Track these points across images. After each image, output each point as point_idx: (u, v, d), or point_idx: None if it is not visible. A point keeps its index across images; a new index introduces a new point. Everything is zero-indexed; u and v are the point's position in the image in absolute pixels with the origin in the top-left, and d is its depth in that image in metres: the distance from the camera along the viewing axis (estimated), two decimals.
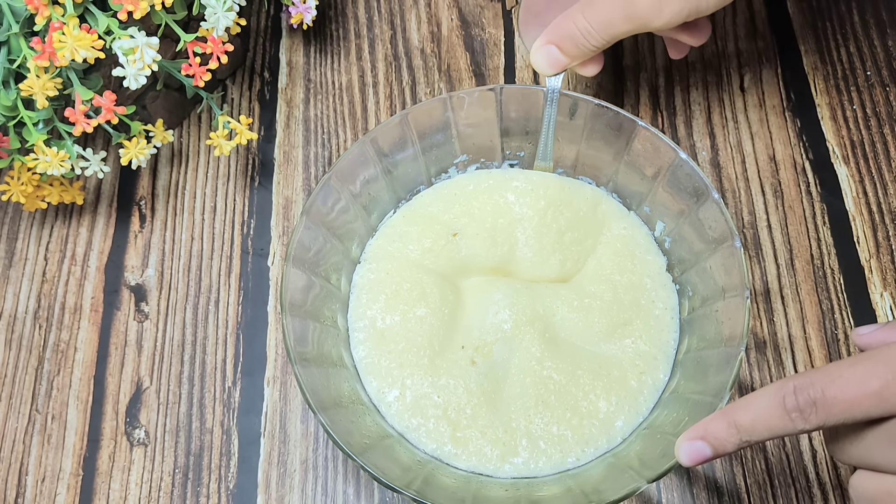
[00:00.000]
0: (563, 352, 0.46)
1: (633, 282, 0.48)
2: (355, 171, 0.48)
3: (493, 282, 0.49)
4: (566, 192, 0.50)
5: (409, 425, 0.45)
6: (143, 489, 0.48)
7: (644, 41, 0.59)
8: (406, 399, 0.45)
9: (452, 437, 0.44)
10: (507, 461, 0.44)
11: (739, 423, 0.35)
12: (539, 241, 0.49)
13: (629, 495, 0.39)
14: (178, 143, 0.57)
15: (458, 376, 0.46)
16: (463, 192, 0.51)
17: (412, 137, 0.49)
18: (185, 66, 0.48)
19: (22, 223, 0.56)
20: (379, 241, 0.50)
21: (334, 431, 0.40)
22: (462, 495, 0.41)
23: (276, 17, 0.61)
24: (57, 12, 0.44)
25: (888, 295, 0.51)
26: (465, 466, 0.44)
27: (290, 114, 0.58)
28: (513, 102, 0.48)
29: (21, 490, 0.49)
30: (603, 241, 0.50)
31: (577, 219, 0.50)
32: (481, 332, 0.47)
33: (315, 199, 0.46)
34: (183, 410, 0.50)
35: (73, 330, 0.52)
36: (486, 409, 0.45)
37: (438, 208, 0.51)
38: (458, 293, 0.49)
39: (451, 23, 0.61)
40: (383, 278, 0.49)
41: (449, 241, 0.49)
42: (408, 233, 0.50)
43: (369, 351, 0.47)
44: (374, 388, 0.46)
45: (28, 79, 0.45)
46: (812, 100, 0.57)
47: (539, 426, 0.44)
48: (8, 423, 0.50)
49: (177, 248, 0.54)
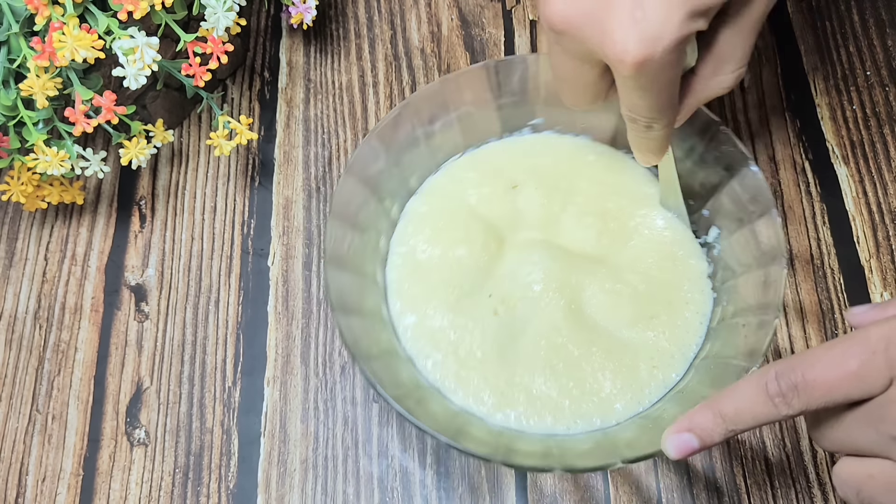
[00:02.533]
0: (585, 327, 0.47)
1: (670, 281, 0.48)
2: (431, 110, 0.49)
3: (536, 242, 0.49)
4: (629, 179, 0.51)
5: (418, 350, 0.47)
6: (143, 489, 0.48)
7: None
8: (423, 326, 0.47)
9: (456, 373, 0.46)
10: (501, 411, 0.45)
11: (724, 413, 0.35)
12: (585, 210, 0.50)
13: (599, 469, 0.40)
14: (178, 143, 0.57)
15: (477, 320, 0.47)
16: (533, 150, 0.52)
17: (494, 89, 0.50)
18: (185, 66, 0.48)
19: (22, 223, 0.56)
20: (439, 179, 0.51)
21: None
22: (446, 424, 0.42)
23: (276, 17, 0.61)
24: (57, 12, 0.44)
25: (888, 295, 0.51)
26: (461, 404, 0.45)
27: (290, 114, 0.58)
28: None
29: (21, 490, 0.49)
30: (647, 230, 0.50)
31: (625, 199, 0.50)
32: (511, 287, 0.48)
33: (386, 123, 0.48)
34: (183, 410, 0.50)
35: (74, 330, 0.52)
36: (495, 358, 0.46)
37: (505, 161, 0.52)
38: (500, 244, 0.49)
39: (451, 23, 0.61)
40: (434, 213, 0.50)
41: (507, 192, 0.51)
42: (469, 177, 0.51)
43: (402, 275, 0.49)
44: (397, 309, 0.48)
45: (28, 79, 0.45)
46: (812, 100, 0.57)
47: (540, 388, 0.45)
48: (8, 423, 0.50)
49: (177, 248, 0.54)
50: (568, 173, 0.51)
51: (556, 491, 0.47)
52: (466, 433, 0.42)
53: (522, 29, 0.60)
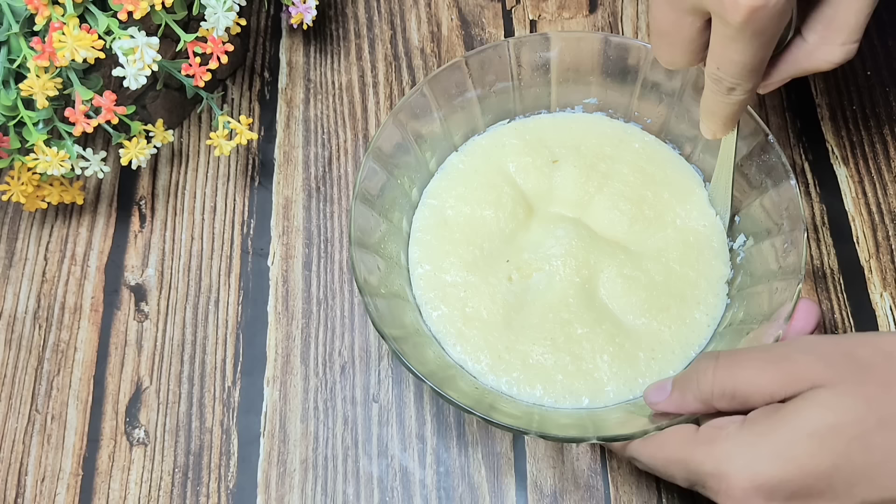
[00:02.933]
0: (594, 308, 0.47)
1: (688, 276, 0.48)
2: (490, 69, 0.50)
3: (564, 218, 0.50)
4: (671, 172, 0.51)
5: (427, 299, 0.48)
6: (142, 489, 0.48)
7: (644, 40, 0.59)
8: (436, 278, 0.48)
9: (459, 330, 0.46)
10: (494, 373, 0.46)
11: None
12: (622, 195, 0.50)
13: (572, 440, 0.41)
14: (178, 143, 0.57)
15: (490, 283, 0.48)
16: (580, 129, 0.52)
17: (555, 62, 0.50)
18: (185, 66, 0.48)
19: (22, 223, 0.56)
20: (482, 140, 0.52)
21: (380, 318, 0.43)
22: (435, 370, 0.43)
23: (276, 17, 0.61)
24: (57, 12, 0.44)
25: (888, 295, 0.51)
26: (456, 358, 0.46)
27: (290, 114, 0.58)
28: (658, 72, 0.50)
29: (21, 490, 0.49)
30: (678, 224, 0.50)
31: (665, 192, 0.50)
32: (530, 257, 0.48)
33: (443, 71, 0.49)
34: (183, 410, 0.50)
35: (73, 330, 0.52)
36: (500, 322, 0.47)
37: (551, 134, 0.52)
38: (529, 214, 0.50)
39: (451, 23, 0.61)
40: (470, 173, 0.51)
41: (546, 165, 0.51)
42: (512, 144, 0.52)
43: (427, 227, 0.50)
44: (415, 257, 0.49)
45: (28, 79, 0.45)
46: (812, 100, 0.57)
47: (537, 358, 0.46)
48: (8, 423, 0.50)
49: (177, 248, 0.54)
50: (611, 156, 0.52)
51: (556, 491, 0.47)
52: (453, 383, 0.43)
53: (522, 29, 0.60)
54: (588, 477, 0.48)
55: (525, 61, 0.50)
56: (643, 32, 0.60)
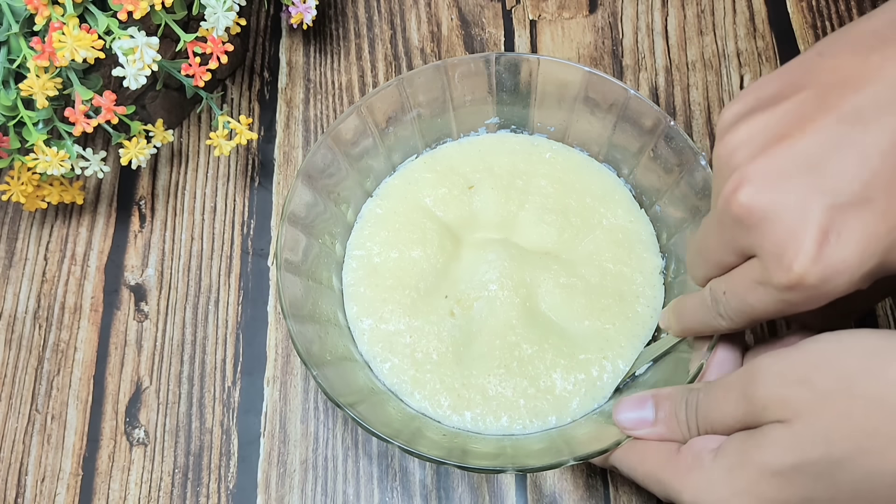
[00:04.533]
0: (538, 324, 0.47)
1: (623, 273, 0.48)
2: (386, 108, 0.49)
3: (491, 242, 0.49)
4: (587, 175, 0.51)
5: (374, 353, 0.47)
6: (142, 489, 0.48)
7: (644, 41, 0.59)
8: (379, 330, 0.47)
9: (413, 377, 0.46)
10: (457, 413, 0.45)
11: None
12: (546, 208, 0.50)
13: (551, 467, 0.40)
14: (178, 143, 0.57)
15: (433, 322, 0.47)
16: (488, 150, 0.52)
17: (449, 91, 0.50)
18: (185, 66, 0.48)
19: (22, 223, 0.56)
20: (395, 181, 0.52)
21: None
22: (400, 428, 0.42)
23: (275, 16, 0.61)
24: (57, 12, 0.44)
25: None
26: (418, 407, 0.45)
27: (290, 114, 0.58)
28: (550, 81, 0.49)
29: (21, 490, 0.49)
30: (606, 225, 0.50)
31: (587, 197, 0.51)
32: (467, 287, 0.48)
33: (340, 124, 0.48)
34: (183, 410, 0.50)
35: (73, 330, 0.52)
36: (451, 360, 0.46)
37: (460, 161, 0.52)
38: (457, 245, 0.50)
39: (451, 22, 0.61)
40: (390, 216, 0.50)
41: (463, 193, 0.51)
42: (425, 178, 0.51)
43: (359, 279, 0.49)
44: (354, 314, 0.48)
45: (28, 79, 0.45)
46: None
47: (496, 388, 0.45)
48: (8, 423, 0.50)
49: (177, 248, 0.54)
50: (525, 171, 0.52)
51: (555, 491, 0.47)
52: (420, 435, 0.42)
53: (522, 29, 0.60)
54: (588, 477, 0.48)
55: (420, 95, 0.50)
56: (643, 33, 0.60)
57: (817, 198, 0.30)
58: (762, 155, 0.32)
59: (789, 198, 0.31)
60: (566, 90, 0.50)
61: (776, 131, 0.32)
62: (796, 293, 0.31)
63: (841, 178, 0.30)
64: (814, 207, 0.30)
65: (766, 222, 0.31)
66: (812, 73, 0.32)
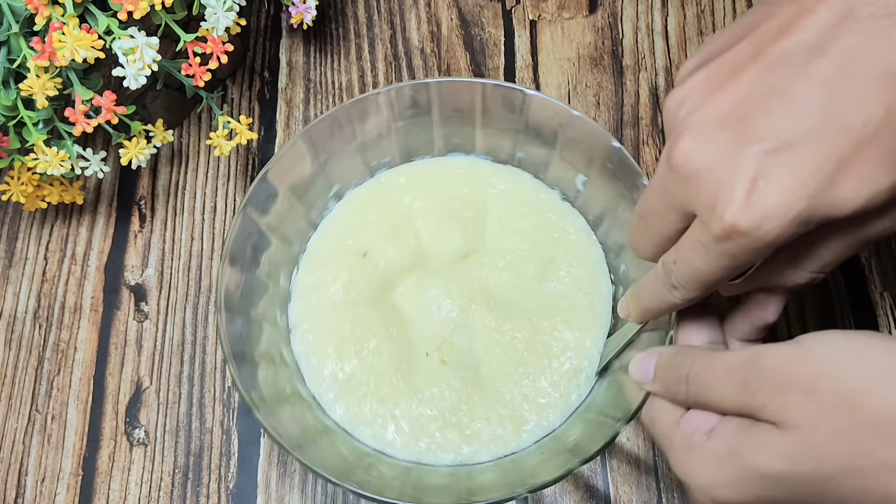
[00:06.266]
0: (513, 311, 0.47)
1: (538, 222, 0.49)
2: (245, 246, 0.45)
3: (420, 283, 0.48)
4: (446, 172, 0.51)
5: (420, 450, 0.44)
6: (142, 489, 0.48)
7: (644, 41, 0.59)
8: (405, 430, 0.45)
9: (464, 437, 0.44)
10: (523, 431, 0.44)
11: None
12: (437, 221, 0.50)
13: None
14: (178, 143, 0.57)
15: (436, 383, 0.46)
16: (351, 218, 0.50)
17: (286, 193, 0.47)
18: (185, 66, 0.48)
19: (22, 223, 0.56)
20: (297, 303, 0.48)
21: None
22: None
23: (276, 16, 0.61)
24: (57, 12, 0.44)
25: (888, 295, 0.51)
26: (489, 456, 0.44)
27: (290, 114, 0.58)
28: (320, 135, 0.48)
29: (21, 490, 0.49)
30: (491, 198, 0.50)
31: (463, 191, 0.51)
32: (436, 332, 0.47)
33: (224, 288, 0.43)
34: (183, 410, 0.50)
35: (73, 330, 0.52)
36: (478, 398, 0.45)
37: (334, 242, 0.50)
38: (395, 308, 0.48)
39: (451, 22, 0.61)
40: (322, 334, 0.47)
41: (362, 264, 0.49)
42: (319, 280, 0.49)
43: (347, 405, 0.46)
44: (370, 435, 0.45)
45: (28, 79, 0.45)
46: None
47: (528, 386, 0.45)
48: (8, 423, 0.50)
49: (177, 247, 0.54)
50: (398, 208, 0.50)
51: (555, 490, 0.47)
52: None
53: (522, 29, 0.60)
54: (588, 477, 0.48)
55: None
56: (643, 33, 0.60)
57: (747, 145, 0.31)
58: (699, 108, 0.32)
59: (721, 148, 0.31)
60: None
61: (715, 82, 0.33)
62: (733, 242, 0.31)
63: (769, 124, 0.31)
64: (744, 155, 0.31)
65: (700, 173, 0.32)
66: (754, 23, 0.33)
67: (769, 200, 0.30)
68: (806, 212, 0.30)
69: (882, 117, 0.30)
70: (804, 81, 0.30)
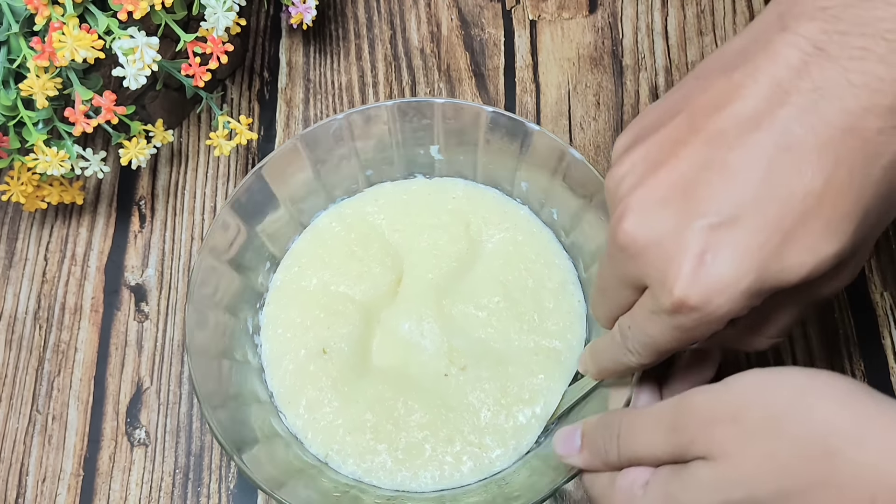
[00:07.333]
0: (484, 353, 0.47)
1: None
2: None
3: (416, 311, 0.48)
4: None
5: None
6: (143, 489, 0.48)
7: (644, 41, 0.59)
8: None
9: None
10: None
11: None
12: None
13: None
14: (177, 143, 0.57)
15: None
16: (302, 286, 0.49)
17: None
18: (185, 66, 0.48)
19: (22, 223, 0.56)
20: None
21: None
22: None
23: (275, 17, 0.61)
24: (57, 12, 0.44)
25: (888, 295, 0.51)
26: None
27: (289, 114, 0.58)
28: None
29: (21, 490, 0.48)
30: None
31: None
32: (394, 356, 0.47)
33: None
34: (183, 411, 0.50)
35: (74, 330, 0.52)
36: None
37: (291, 315, 0.48)
38: (377, 317, 0.48)
39: (451, 23, 0.61)
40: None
41: (320, 357, 0.47)
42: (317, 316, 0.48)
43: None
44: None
45: (28, 79, 0.45)
46: None
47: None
48: (8, 424, 0.50)
49: (177, 248, 0.54)
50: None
51: None
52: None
53: (522, 29, 0.60)
54: None
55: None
56: (643, 33, 0.60)
57: (692, 221, 0.31)
58: (641, 184, 0.33)
59: (667, 224, 0.32)
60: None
61: (654, 158, 0.33)
62: (684, 317, 0.32)
63: (711, 198, 0.31)
64: (689, 231, 0.31)
65: (648, 249, 0.32)
66: (687, 98, 0.33)
67: (717, 275, 0.31)
68: (755, 284, 0.31)
69: (821, 188, 0.30)
70: (743, 155, 0.31)
